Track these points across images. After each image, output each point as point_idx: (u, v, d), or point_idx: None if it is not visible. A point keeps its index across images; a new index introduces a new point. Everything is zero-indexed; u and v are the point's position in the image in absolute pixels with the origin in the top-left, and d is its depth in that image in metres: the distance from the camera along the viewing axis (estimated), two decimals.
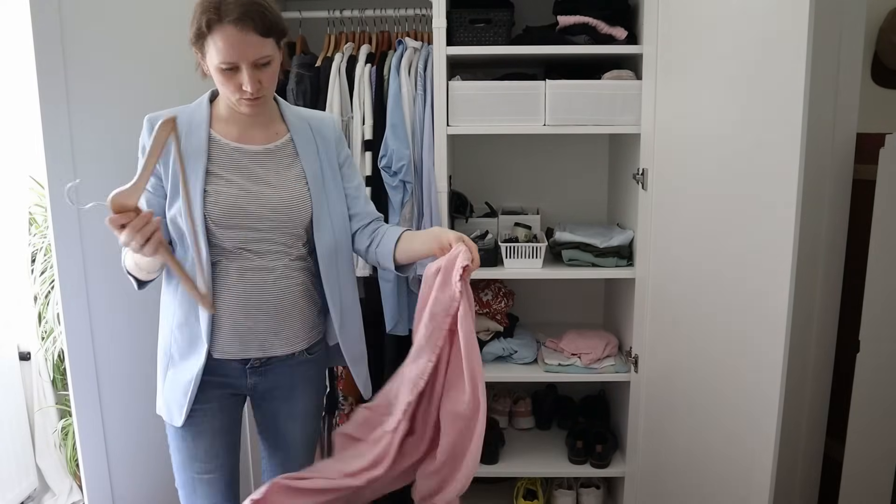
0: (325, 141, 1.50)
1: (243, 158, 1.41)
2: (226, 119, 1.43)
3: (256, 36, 1.28)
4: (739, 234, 1.59)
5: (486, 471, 2.23)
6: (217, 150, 1.41)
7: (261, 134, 1.45)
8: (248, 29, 1.27)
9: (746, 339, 1.58)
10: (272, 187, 1.41)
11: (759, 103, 1.50)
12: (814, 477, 2.02)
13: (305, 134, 1.48)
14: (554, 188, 2.49)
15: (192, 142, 1.39)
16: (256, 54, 1.29)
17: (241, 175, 1.40)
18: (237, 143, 1.42)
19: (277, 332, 1.44)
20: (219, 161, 1.40)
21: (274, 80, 1.37)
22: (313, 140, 1.49)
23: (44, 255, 2.63)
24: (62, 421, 2.65)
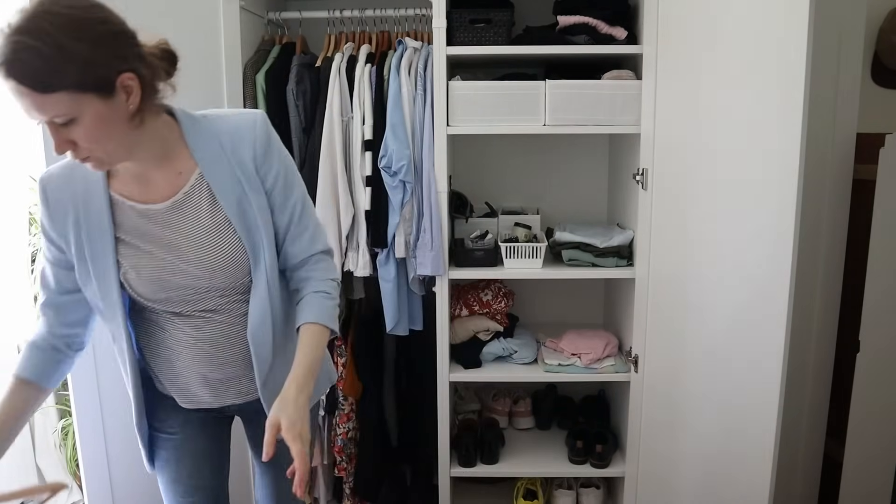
0: (243, 165, 1.19)
1: (152, 225, 1.18)
2: (120, 173, 1.17)
3: (31, 91, 0.94)
4: (739, 233, 1.59)
5: (486, 471, 2.24)
6: (121, 214, 1.18)
7: (163, 179, 1.17)
8: (18, 83, 0.94)
9: (746, 339, 1.58)
10: (195, 249, 1.18)
11: (758, 103, 1.50)
12: (814, 477, 2.02)
13: (219, 161, 1.18)
14: (554, 188, 2.49)
15: (93, 207, 1.16)
16: (44, 113, 0.98)
17: (155, 244, 1.18)
18: (141, 203, 1.17)
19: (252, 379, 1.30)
20: (126, 227, 1.18)
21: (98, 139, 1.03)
22: (231, 166, 1.18)
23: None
24: (62, 421, 2.65)
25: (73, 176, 1.18)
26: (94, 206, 1.17)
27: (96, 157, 1.06)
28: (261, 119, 1.21)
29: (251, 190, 1.19)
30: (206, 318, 1.24)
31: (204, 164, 1.17)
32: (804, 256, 1.55)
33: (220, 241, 1.19)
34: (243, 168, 1.19)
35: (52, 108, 0.97)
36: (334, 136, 2.00)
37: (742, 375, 1.61)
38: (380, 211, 2.03)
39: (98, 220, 1.17)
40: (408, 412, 2.42)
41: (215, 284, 1.21)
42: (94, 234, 1.17)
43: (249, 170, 1.19)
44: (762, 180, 1.49)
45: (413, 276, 2.09)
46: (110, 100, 1.01)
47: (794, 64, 1.37)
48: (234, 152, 1.19)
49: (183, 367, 1.27)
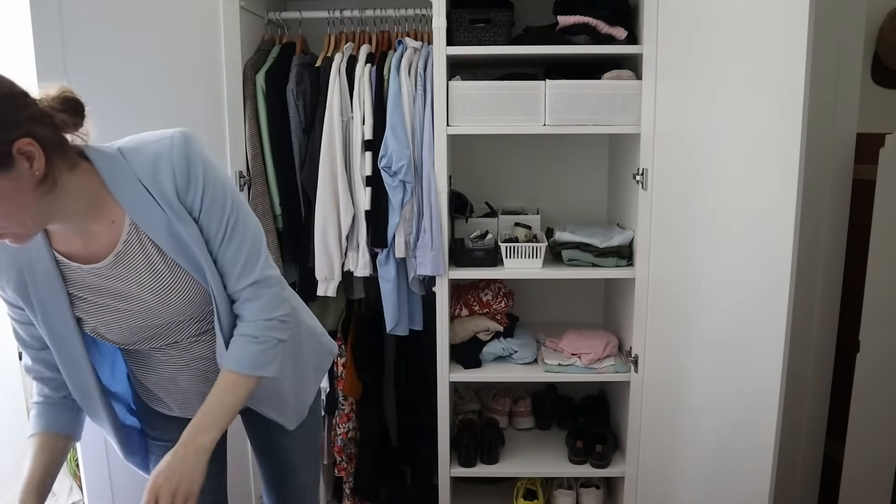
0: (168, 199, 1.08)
1: (103, 280, 1.12)
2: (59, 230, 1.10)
3: None
4: (739, 233, 1.59)
5: (486, 471, 2.24)
6: (71, 273, 1.12)
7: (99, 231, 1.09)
8: None
9: (746, 339, 1.58)
10: (151, 295, 1.13)
11: (758, 103, 1.50)
12: (814, 477, 2.02)
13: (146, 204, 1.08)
14: (554, 188, 2.49)
15: (38, 270, 1.10)
16: None
17: (113, 298, 1.13)
18: (85, 262, 1.11)
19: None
20: (79, 285, 1.12)
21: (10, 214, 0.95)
22: (157, 206, 1.08)
23: None
24: None
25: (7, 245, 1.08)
26: (40, 270, 1.10)
27: (12, 233, 0.98)
28: (178, 142, 1.08)
29: (181, 223, 1.10)
30: (192, 340, 1.22)
31: (131, 209, 1.08)
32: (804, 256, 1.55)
33: (171, 280, 1.13)
34: (168, 202, 1.08)
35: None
36: (334, 136, 2.00)
37: (742, 375, 1.61)
38: (380, 211, 2.03)
39: (47, 282, 1.10)
40: (408, 412, 2.42)
41: (187, 316, 1.17)
42: (44, 296, 1.11)
43: (174, 202, 1.09)
44: (762, 180, 1.49)
45: (413, 276, 2.09)
46: (11, 172, 0.92)
47: (794, 64, 1.37)
48: (156, 188, 1.08)
49: (181, 388, 1.26)
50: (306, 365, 1.39)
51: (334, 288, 2.08)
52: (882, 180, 1.73)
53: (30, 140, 0.93)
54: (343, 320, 2.33)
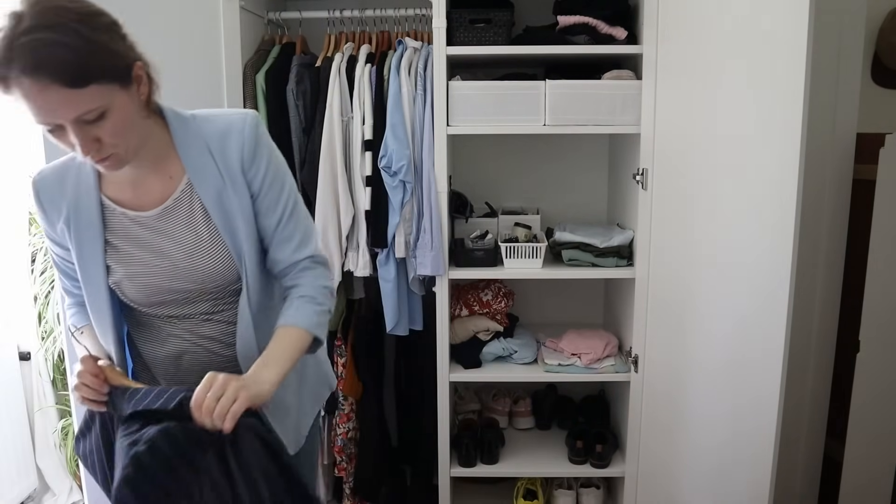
0: (230, 168, 1.15)
1: (143, 230, 1.16)
2: (112, 176, 1.14)
3: (63, 88, 0.92)
4: (739, 233, 1.59)
5: (486, 471, 2.24)
6: (112, 219, 1.16)
7: (155, 184, 1.15)
8: (48, 81, 0.91)
9: (746, 339, 1.58)
10: (184, 256, 1.16)
11: (758, 103, 1.50)
12: (814, 477, 2.02)
13: (206, 167, 1.15)
14: (554, 188, 2.49)
15: (83, 210, 1.15)
16: (74, 111, 0.95)
17: (147, 250, 1.16)
18: (132, 209, 1.15)
19: None
20: (118, 232, 1.16)
21: (122, 133, 1.02)
22: (217, 172, 1.15)
23: (44, 255, 2.62)
24: (62, 421, 2.65)
25: (65, 177, 1.16)
26: (84, 210, 1.15)
27: (117, 155, 1.04)
28: (251, 120, 1.17)
29: (236, 194, 1.15)
30: (204, 317, 1.22)
31: (191, 169, 1.14)
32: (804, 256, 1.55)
33: (209, 247, 1.16)
34: (231, 172, 1.15)
35: (84, 102, 0.95)
36: (334, 136, 2.00)
37: (742, 375, 1.61)
38: (380, 211, 2.03)
39: (88, 223, 1.15)
40: (408, 412, 2.42)
41: (207, 289, 1.18)
42: (83, 237, 1.15)
43: (236, 173, 1.15)
44: (762, 180, 1.49)
45: (413, 276, 2.09)
46: (129, 90, 1.01)
47: (794, 64, 1.37)
48: (221, 155, 1.15)
49: (183, 369, 1.25)
50: (307, 387, 1.36)
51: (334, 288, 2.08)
52: (882, 180, 1.73)
53: (141, 63, 1.04)
54: (343, 320, 2.33)
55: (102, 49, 0.96)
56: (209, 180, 1.14)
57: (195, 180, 1.14)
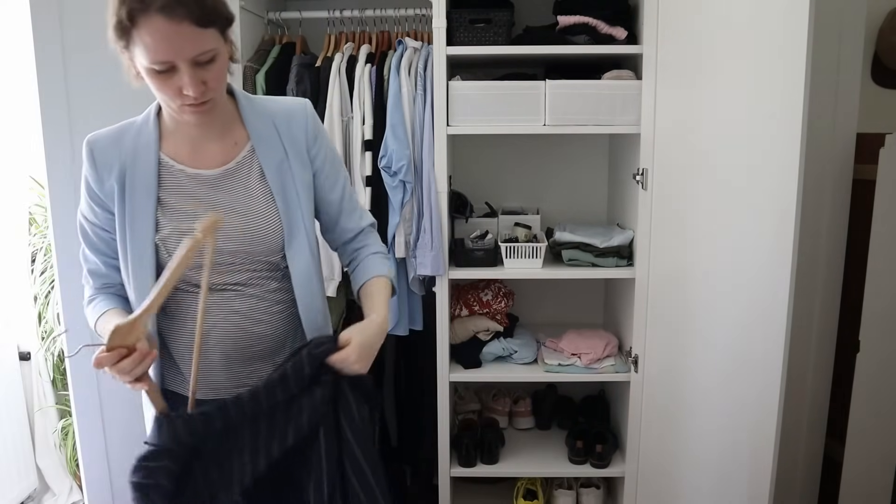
0: (295, 143, 1.26)
1: (199, 187, 1.21)
2: (174, 135, 1.22)
3: (192, 27, 1.03)
4: (739, 233, 1.59)
5: (486, 471, 2.24)
6: (168, 176, 1.21)
7: (217, 148, 1.23)
8: (181, 18, 1.02)
9: (746, 339, 1.58)
10: (236, 215, 1.21)
11: (758, 103, 1.50)
12: (814, 477, 2.02)
13: (270, 138, 1.25)
14: (554, 188, 2.49)
15: (140, 166, 1.20)
16: (195, 49, 1.06)
17: (199, 205, 1.21)
18: (191, 167, 1.22)
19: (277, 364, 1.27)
20: (171, 189, 1.21)
21: (222, 79, 1.15)
22: (280, 144, 1.25)
23: (44, 255, 2.63)
24: (62, 421, 2.65)
25: (122, 138, 1.22)
26: (141, 165, 1.20)
27: (214, 101, 1.14)
28: (309, 106, 1.31)
29: (299, 168, 1.26)
30: (237, 290, 1.23)
31: (256, 139, 1.24)
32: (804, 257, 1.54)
33: (263, 209, 1.23)
34: (295, 146, 1.26)
35: (205, 42, 1.07)
36: (334, 136, 2.00)
37: (742, 375, 1.61)
38: (380, 211, 2.03)
39: (144, 178, 1.20)
40: (408, 412, 2.42)
41: (251, 252, 1.22)
42: (137, 193, 1.20)
43: (301, 148, 1.26)
44: (762, 180, 1.49)
45: (413, 276, 2.09)
46: (228, 43, 1.15)
47: (794, 64, 1.37)
48: (287, 131, 1.26)
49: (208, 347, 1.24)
50: None
51: (334, 288, 2.08)
52: (882, 180, 1.73)
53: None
54: (343, 320, 2.33)
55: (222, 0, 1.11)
56: (272, 150, 1.24)
57: (258, 147, 1.24)
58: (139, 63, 1.08)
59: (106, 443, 2.00)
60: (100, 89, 1.88)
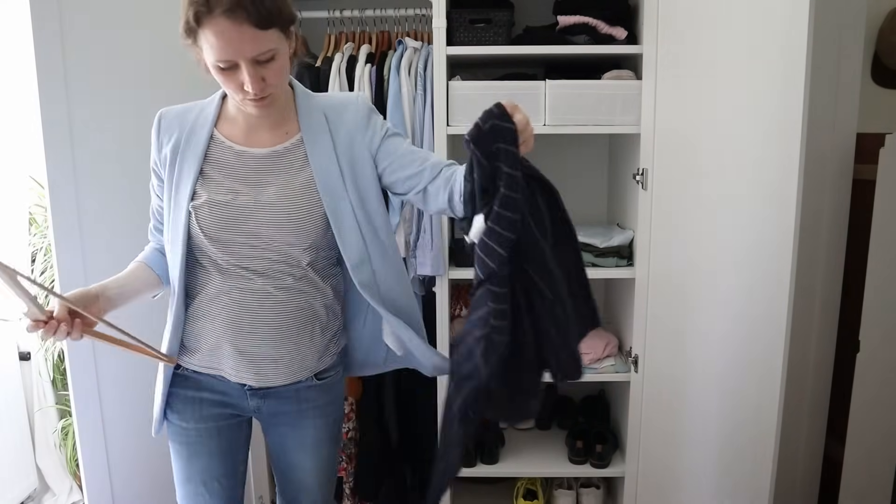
0: (347, 133, 1.30)
1: (244, 163, 1.27)
2: (233, 118, 1.31)
3: (253, 28, 1.11)
4: (739, 233, 1.59)
5: (486, 471, 2.24)
6: (217, 151, 1.28)
7: (268, 135, 1.30)
8: (242, 21, 1.09)
9: (746, 339, 1.58)
10: (275, 197, 1.25)
11: (758, 103, 1.50)
12: (814, 477, 2.02)
13: (320, 130, 1.30)
14: None
15: (194, 139, 1.29)
16: (255, 49, 1.13)
17: (240, 181, 1.26)
18: (241, 145, 1.28)
19: (276, 361, 1.30)
20: (216, 163, 1.27)
21: (282, 75, 1.21)
22: (329, 136, 1.29)
23: (44, 255, 2.62)
24: (62, 421, 2.65)
25: (187, 115, 1.32)
26: (195, 138, 1.29)
27: (274, 96, 1.21)
28: (362, 97, 1.36)
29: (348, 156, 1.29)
30: (250, 279, 1.26)
31: (307, 131, 1.29)
32: (804, 257, 1.54)
33: (298, 194, 1.26)
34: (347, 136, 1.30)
35: (265, 43, 1.13)
36: None
37: (742, 375, 1.61)
38: None
39: (194, 150, 1.28)
40: (408, 412, 2.41)
41: (276, 242, 1.25)
42: (185, 162, 1.28)
43: (355, 137, 1.30)
44: (762, 180, 1.49)
45: (413, 276, 2.09)
46: (289, 41, 1.20)
47: (794, 64, 1.37)
48: (337, 122, 1.30)
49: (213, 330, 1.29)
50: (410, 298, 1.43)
51: None
52: (882, 180, 1.73)
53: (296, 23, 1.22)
54: None
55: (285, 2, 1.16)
56: (323, 144, 1.29)
57: (308, 141, 1.29)
58: (207, 59, 1.17)
59: (106, 443, 2.00)
60: (100, 89, 1.88)
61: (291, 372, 1.32)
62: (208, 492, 1.37)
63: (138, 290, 1.35)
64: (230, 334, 1.28)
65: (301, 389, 1.36)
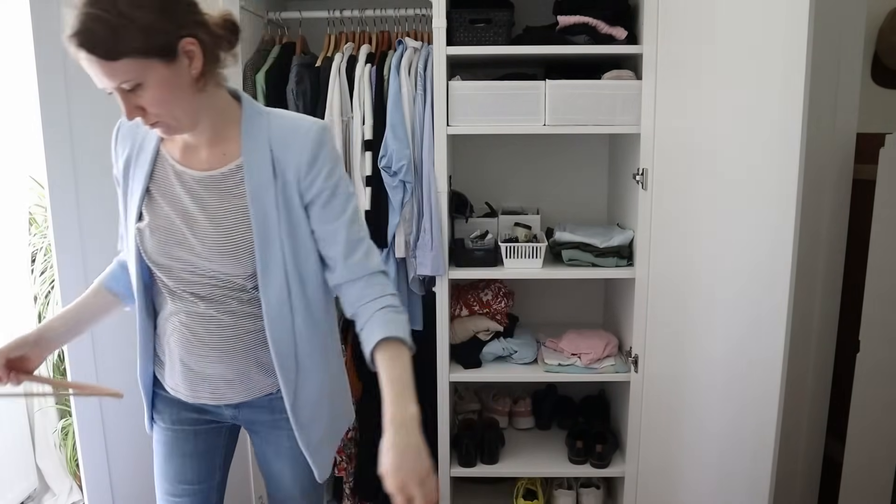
0: (288, 169, 1.18)
1: (183, 183, 1.20)
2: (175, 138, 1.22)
3: (101, 60, 1.01)
4: (739, 233, 1.59)
5: (486, 471, 2.24)
6: (161, 169, 1.23)
7: (206, 153, 1.21)
8: (87, 53, 1.01)
9: (746, 339, 1.58)
10: (207, 227, 1.18)
11: (758, 103, 1.50)
12: (814, 477, 2.02)
13: (261, 159, 1.18)
14: (554, 188, 2.49)
15: (143, 153, 1.24)
16: (113, 80, 1.04)
17: (175, 207, 1.20)
18: (180, 164, 1.21)
19: (230, 381, 1.26)
20: (160, 182, 1.22)
21: (163, 104, 1.07)
22: (271, 168, 1.17)
23: (44, 255, 2.63)
24: (62, 421, 2.65)
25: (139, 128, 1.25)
26: (143, 156, 1.24)
27: (164, 123, 1.11)
28: (316, 130, 1.19)
29: (287, 195, 1.18)
30: (195, 303, 1.23)
31: (247, 155, 1.18)
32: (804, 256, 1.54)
33: (234, 228, 1.18)
34: (284, 173, 1.18)
35: (119, 74, 1.03)
36: (334, 136, 2.00)
37: (742, 375, 1.61)
38: (380, 211, 2.03)
39: (142, 167, 1.23)
40: None
41: (214, 270, 1.19)
42: (135, 179, 1.24)
43: (290, 177, 1.18)
44: (762, 180, 1.49)
45: (413, 276, 2.09)
46: (173, 64, 1.05)
47: (794, 64, 1.36)
48: (280, 154, 1.18)
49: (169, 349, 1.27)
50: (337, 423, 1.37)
51: None
52: (882, 180, 1.73)
53: (193, 41, 1.07)
54: (343, 320, 2.33)
55: (140, 26, 1.00)
56: (260, 173, 1.18)
57: (247, 165, 1.18)
58: None
59: (106, 443, 2.00)
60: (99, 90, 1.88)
61: (248, 391, 1.28)
62: (179, 493, 1.36)
63: (92, 318, 1.35)
64: (184, 355, 1.26)
65: (274, 399, 1.29)
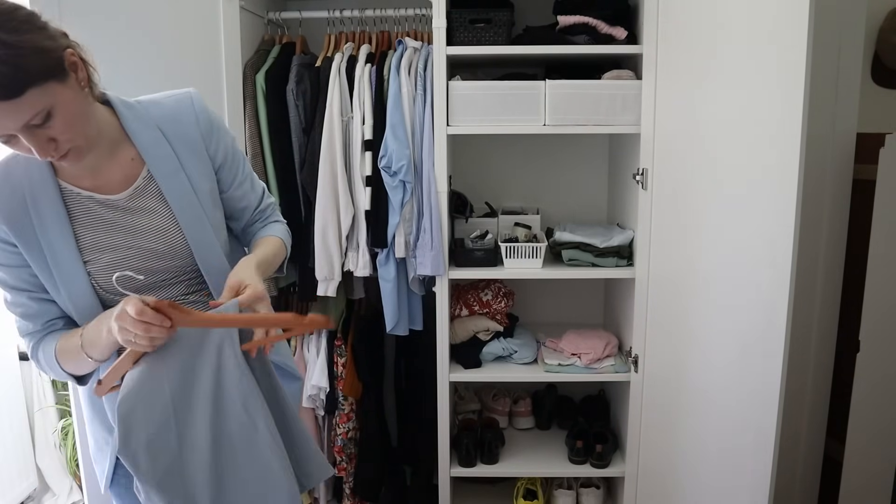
0: (189, 143, 1.17)
1: (112, 213, 1.14)
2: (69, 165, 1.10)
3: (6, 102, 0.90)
4: (739, 233, 1.59)
5: (486, 471, 2.24)
6: (78, 206, 1.12)
7: (115, 168, 1.14)
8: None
9: (746, 339, 1.58)
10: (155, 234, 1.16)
11: (758, 103, 1.50)
12: (814, 477, 2.02)
13: (160, 148, 1.15)
14: (554, 188, 2.49)
15: (43, 201, 1.09)
16: (20, 120, 0.93)
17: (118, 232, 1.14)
18: (99, 193, 1.13)
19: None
20: (81, 218, 1.12)
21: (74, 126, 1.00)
22: (172, 154, 1.16)
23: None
24: (62, 421, 2.65)
25: (10, 173, 1.10)
26: (44, 201, 1.09)
27: (77, 148, 1.02)
28: (196, 97, 1.21)
29: (197, 168, 1.18)
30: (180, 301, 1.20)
31: (146, 153, 1.15)
32: (804, 257, 1.54)
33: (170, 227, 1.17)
34: (192, 149, 1.18)
35: (27, 109, 0.93)
36: (334, 136, 2.00)
37: (742, 375, 1.60)
38: (380, 211, 2.03)
39: (51, 209, 1.09)
40: (408, 412, 2.42)
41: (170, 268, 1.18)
42: (49, 226, 1.09)
43: (199, 149, 1.18)
44: (762, 180, 1.49)
45: (413, 275, 2.09)
46: (67, 81, 0.99)
47: (794, 64, 1.36)
48: (177, 137, 1.17)
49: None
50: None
51: (334, 288, 2.08)
52: (882, 180, 1.73)
53: (73, 50, 1.01)
54: (343, 320, 2.33)
55: (28, 50, 0.92)
56: (163, 161, 1.16)
57: (151, 164, 1.15)
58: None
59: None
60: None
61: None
62: None
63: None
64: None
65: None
